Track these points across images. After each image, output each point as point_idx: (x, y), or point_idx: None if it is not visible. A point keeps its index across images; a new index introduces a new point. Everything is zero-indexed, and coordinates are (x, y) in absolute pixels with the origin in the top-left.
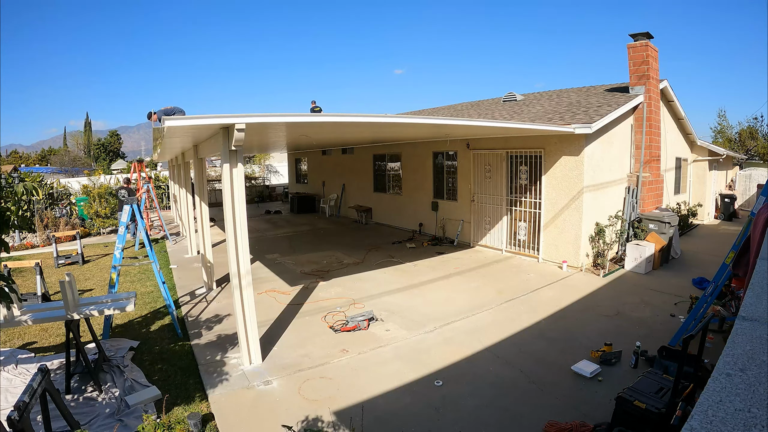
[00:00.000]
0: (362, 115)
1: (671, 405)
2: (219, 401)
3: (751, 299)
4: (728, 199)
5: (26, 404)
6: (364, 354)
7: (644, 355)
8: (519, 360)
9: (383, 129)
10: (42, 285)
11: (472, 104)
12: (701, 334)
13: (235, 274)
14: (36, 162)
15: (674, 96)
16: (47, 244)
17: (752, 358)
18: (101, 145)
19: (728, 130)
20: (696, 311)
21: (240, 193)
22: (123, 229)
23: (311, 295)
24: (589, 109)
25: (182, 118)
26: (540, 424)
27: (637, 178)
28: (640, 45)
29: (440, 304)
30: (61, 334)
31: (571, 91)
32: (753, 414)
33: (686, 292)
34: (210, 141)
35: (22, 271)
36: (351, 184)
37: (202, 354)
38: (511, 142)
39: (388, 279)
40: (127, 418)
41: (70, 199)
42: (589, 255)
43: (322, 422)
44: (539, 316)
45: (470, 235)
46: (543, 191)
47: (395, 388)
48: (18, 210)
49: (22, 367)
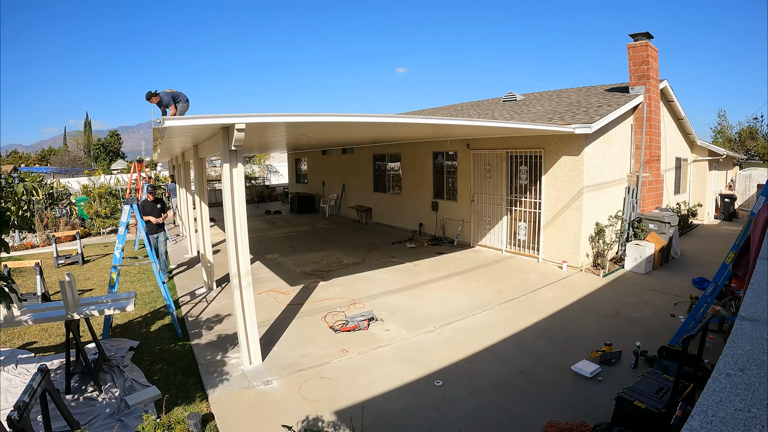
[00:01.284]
0: (362, 115)
1: (671, 405)
2: (219, 401)
3: (751, 299)
4: (728, 199)
5: (26, 404)
6: (364, 354)
7: (644, 355)
8: (519, 360)
9: (383, 129)
10: (42, 285)
11: (472, 104)
12: (701, 334)
13: (235, 274)
14: (36, 162)
15: (674, 96)
16: (47, 244)
17: (752, 358)
18: (101, 145)
19: (728, 130)
20: (696, 311)
21: (240, 193)
22: (123, 229)
23: (311, 295)
24: (589, 109)
25: (182, 118)
26: (540, 424)
27: (637, 178)
28: (640, 45)
29: (440, 304)
30: (61, 334)
31: (571, 91)
32: (753, 414)
33: (686, 292)
34: (210, 141)
35: (22, 271)
36: (351, 184)
37: (202, 354)
38: (511, 142)
39: (388, 279)
40: (127, 418)
41: (70, 199)
42: (589, 255)
43: (322, 422)
44: (539, 316)
45: (470, 235)
46: (543, 191)
47: (395, 388)
48: (18, 210)
49: (22, 367)
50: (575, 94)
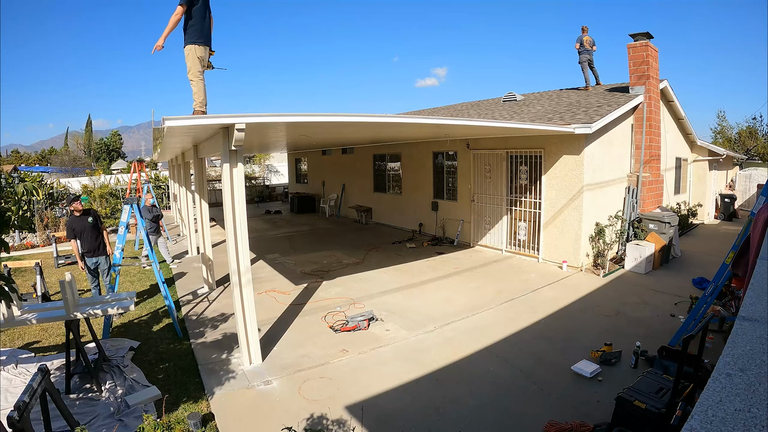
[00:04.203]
0: (362, 115)
1: (671, 405)
2: (219, 401)
3: (751, 299)
4: (728, 199)
5: (26, 404)
6: (364, 354)
7: (644, 355)
8: (519, 360)
9: (383, 129)
10: (42, 285)
11: (472, 104)
12: (701, 334)
13: (234, 271)
14: (36, 162)
15: (674, 96)
16: (47, 244)
17: (752, 358)
18: (102, 145)
19: (728, 131)
20: (696, 311)
21: (240, 193)
22: (123, 229)
23: (311, 295)
24: (589, 109)
25: (182, 118)
26: (540, 424)
27: (637, 178)
28: (640, 45)
29: (440, 304)
30: (61, 334)
31: (571, 91)
32: (753, 414)
33: (686, 292)
34: (210, 141)
35: (22, 271)
36: (351, 184)
37: (202, 354)
38: (511, 142)
39: (388, 279)
40: (127, 418)
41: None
42: (589, 255)
43: (322, 422)
44: (539, 316)
45: (470, 235)
46: (543, 191)
47: (395, 388)
48: (18, 210)
49: (22, 367)
50: (575, 94)
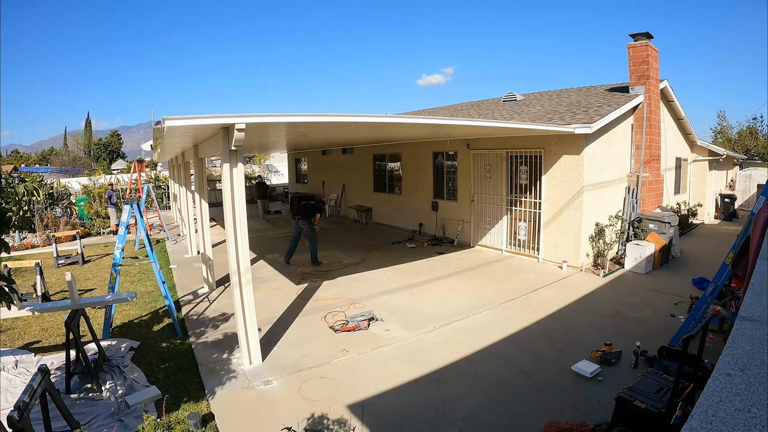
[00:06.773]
0: (362, 115)
1: (671, 405)
2: (219, 401)
3: (751, 299)
4: (728, 199)
5: (26, 404)
6: (364, 354)
7: (644, 355)
8: (519, 360)
9: (383, 129)
10: (42, 285)
11: (472, 104)
12: (701, 334)
13: (234, 271)
14: (36, 162)
15: (674, 96)
16: (47, 244)
17: (752, 358)
18: (102, 145)
19: (728, 131)
20: (696, 311)
21: (240, 193)
22: (123, 229)
23: (311, 295)
24: (589, 109)
25: (182, 117)
26: (540, 424)
27: (637, 178)
28: (640, 45)
29: (440, 304)
30: (61, 334)
31: (571, 91)
32: (753, 414)
33: (686, 292)
34: (210, 141)
35: (23, 271)
36: (351, 184)
37: (202, 354)
38: (511, 142)
39: (388, 279)
40: (127, 418)
41: (70, 199)
42: (589, 255)
43: (322, 422)
44: (539, 316)
45: (470, 235)
46: (543, 191)
47: (395, 388)
48: (19, 210)
49: (22, 367)
50: (575, 94)
